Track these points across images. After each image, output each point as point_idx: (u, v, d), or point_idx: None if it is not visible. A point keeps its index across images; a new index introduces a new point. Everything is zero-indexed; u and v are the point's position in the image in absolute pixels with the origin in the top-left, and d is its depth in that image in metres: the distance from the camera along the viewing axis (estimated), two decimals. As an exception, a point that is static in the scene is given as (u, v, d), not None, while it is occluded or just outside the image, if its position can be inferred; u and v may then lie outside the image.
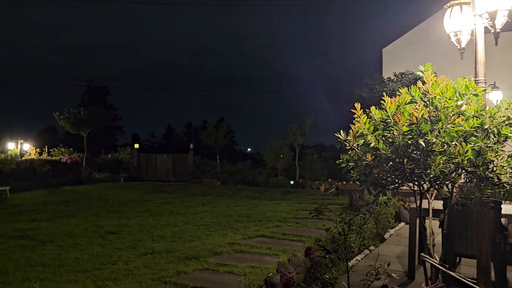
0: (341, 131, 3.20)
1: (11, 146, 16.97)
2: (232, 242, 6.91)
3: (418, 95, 3.11)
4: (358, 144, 3.20)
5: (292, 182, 16.69)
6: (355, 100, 11.51)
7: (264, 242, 7.04)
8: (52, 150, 19.03)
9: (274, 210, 10.34)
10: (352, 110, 3.10)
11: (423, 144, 2.83)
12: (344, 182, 14.97)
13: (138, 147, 20.16)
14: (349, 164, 3.30)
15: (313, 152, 18.63)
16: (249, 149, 59.91)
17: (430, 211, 3.56)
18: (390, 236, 7.23)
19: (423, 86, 3.07)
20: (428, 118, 2.98)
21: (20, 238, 7.06)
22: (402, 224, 8.16)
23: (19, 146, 17.82)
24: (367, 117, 3.17)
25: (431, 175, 2.88)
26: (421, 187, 3.25)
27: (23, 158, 16.28)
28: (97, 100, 50.06)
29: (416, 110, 2.87)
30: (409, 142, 2.93)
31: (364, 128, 3.10)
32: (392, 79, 11.25)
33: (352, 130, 3.17)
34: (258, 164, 19.15)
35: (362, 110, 3.12)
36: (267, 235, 7.55)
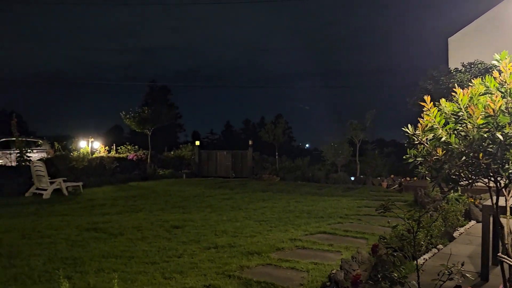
0: (409, 125, 3.07)
1: (83, 144, 18.07)
2: (293, 238, 6.91)
3: (494, 85, 2.92)
4: (427, 138, 3.07)
5: (352, 178, 16.37)
6: (419, 93, 11.04)
7: (326, 239, 6.98)
8: (119, 147, 20.02)
9: (335, 207, 10.20)
10: (421, 103, 2.97)
11: (500, 137, 2.65)
12: (408, 178, 14.44)
13: (199, 144, 20.69)
14: (417, 159, 3.16)
15: (374, 148, 18.15)
16: (307, 145, 59.52)
17: (508, 208, 3.34)
18: (459, 234, 6.88)
19: (500, 76, 2.88)
20: (505, 110, 2.79)
21: (93, 230, 7.49)
22: (473, 222, 7.73)
23: (89, 144, 18.93)
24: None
25: (510, 170, 2.70)
26: (498, 183, 3.05)
27: (94, 155, 17.25)
28: (159, 100, 52.01)
29: (493, 102, 2.69)
30: (485, 135, 2.76)
31: (434, 122, 2.96)
32: (459, 69, 10.67)
33: (421, 124, 3.03)
34: (317, 160, 18.97)
35: (432, 103, 2.98)
36: (328, 232, 7.47)
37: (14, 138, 14.88)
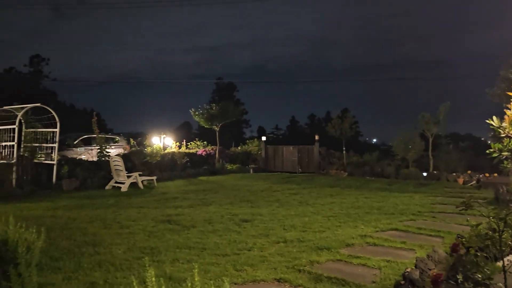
0: (494, 117, 2.88)
1: (155, 140, 18.95)
2: (363, 235, 6.77)
3: None
4: (515, 131, 2.86)
5: (425, 174, 15.65)
6: (500, 83, 10.26)
7: (398, 236, 6.76)
8: (189, 143, 20.75)
9: (407, 203, 9.83)
10: (509, 93, 2.77)
11: None
12: (487, 174, 13.54)
13: (265, 139, 20.87)
14: (503, 153, 2.96)
15: (448, 142, 17.21)
16: (374, 140, 57.82)
17: None
18: (549, 235, 6.34)
19: None
20: None
21: (167, 222, 7.85)
22: None
23: (162, 140, 19.81)
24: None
25: None
26: None
27: (166, 151, 18.04)
28: (226, 96, 53.12)
29: None
30: None
31: (522, 113, 2.75)
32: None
33: (508, 116, 2.83)
34: (386, 155, 18.38)
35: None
36: (400, 229, 7.23)
37: (95, 135, 15.97)
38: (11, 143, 13.12)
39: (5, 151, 13.18)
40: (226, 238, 6.63)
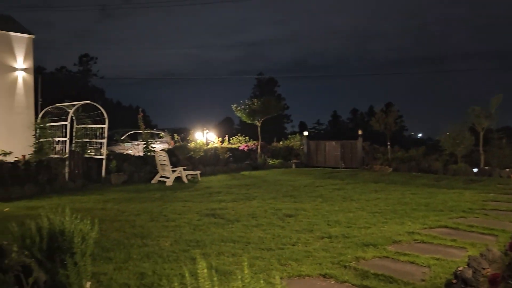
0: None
1: (198, 135, 19.28)
2: (411, 231, 6.58)
3: None
4: None
5: (475, 170, 14.98)
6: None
7: (448, 234, 6.52)
8: (231, 138, 20.94)
9: (457, 200, 9.46)
10: None
11: None
12: (544, 170, 12.79)
13: (307, 134, 20.72)
14: None
15: (501, 136, 16.37)
16: (419, 134, 56.05)
17: None
18: None
19: None
20: None
21: (212, 216, 7.97)
22: None
23: (204, 135, 20.12)
24: None
25: None
26: None
27: (209, 146, 18.31)
28: (267, 92, 53.14)
29: None
30: None
31: None
32: None
33: None
34: (432, 150, 17.75)
35: None
36: (450, 226, 6.96)
37: (141, 131, 16.45)
38: (64, 139, 13.75)
39: (58, 146, 13.84)
40: (270, 233, 6.64)
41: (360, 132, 18.97)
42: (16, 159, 12.00)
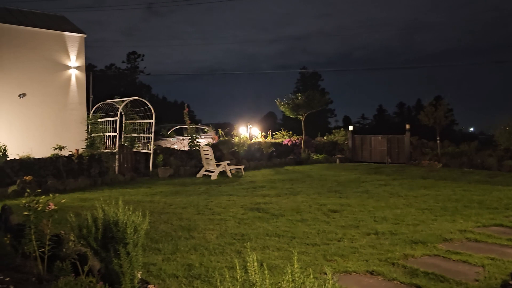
0: None
1: (243, 130, 19.43)
2: (463, 229, 6.33)
3: None
4: None
5: (533, 166, 14.17)
6: None
7: (503, 232, 6.21)
8: (274, 133, 20.95)
9: (513, 197, 8.99)
10: None
11: None
12: None
13: (352, 129, 20.38)
14: None
15: (562, 130, 15.38)
16: (471, 129, 53.63)
17: None
18: None
19: None
20: None
21: (256, 210, 8.02)
22: None
23: (248, 130, 20.25)
24: None
25: None
26: None
27: (252, 141, 18.41)
28: (310, 86, 52.63)
29: None
30: None
31: None
32: None
33: None
34: (485, 145, 16.96)
35: None
36: (506, 225, 6.63)
37: (186, 126, 16.79)
38: (114, 134, 14.28)
39: (108, 141, 14.40)
40: (315, 228, 6.60)
41: (407, 126, 18.42)
42: (70, 153, 12.60)
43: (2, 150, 10.46)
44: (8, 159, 10.97)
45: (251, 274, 2.13)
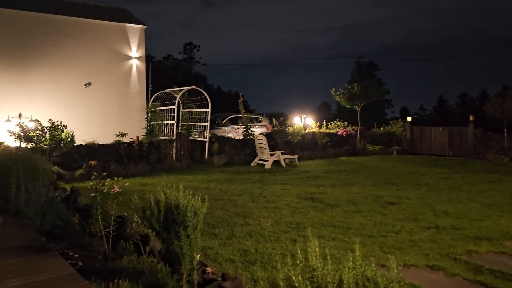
0: None
1: (297, 120, 19.31)
2: (533, 227, 5.94)
3: None
4: None
5: None
6: None
7: None
8: (329, 123, 20.65)
9: None
10: None
11: None
12: None
13: (410, 120, 19.64)
14: None
15: None
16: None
17: None
18: None
19: None
20: None
21: (311, 200, 7.97)
22: None
23: (302, 120, 20.10)
24: None
25: None
26: None
27: (306, 131, 18.26)
28: (366, 76, 51.25)
29: None
30: None
31: None
32: None
33: None
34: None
35: None
36: None
37: (241, 115, 16.95)
38: (171, 122, 14.72)
39: (166, 129, 14.86)
40: (371, 219, 6.46)
41: (471, 118, 17.46)
42: (131, 140, 13.15)
43: (70, 136, 11.10)
44: (75, 144, 11.63)
45: (311, 259, 2.12)
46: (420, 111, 62.45)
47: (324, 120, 20.72)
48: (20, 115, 12.43)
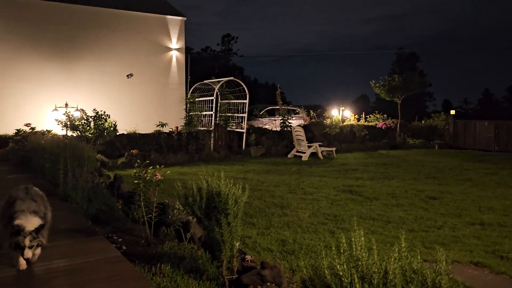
0: None
1: (335, 112, 19.08)
2: None
3: None
4: None
5: None
6: None
7: None
8: (368, 116, 20.27)
9: None
10: None
11: None
12: None
13: (454, 113, 18.98)
14: None
15: None
16: None
17: None
18: None
19: None
20: None
21: (349, 192, 7.88)
22: None
23: (340, 112, 19.83)
24: None
25: None
26: None
27: (344, 123, 18.01)
28: (407, 68, 49.82)
29: None
30: None
31: None
32: None
33: None
34: None
35: None
36: None
37: (278, 107, 16.92)
38: (209, 113, 14.90)
39: (205, 119, 15.06)
40: (411, 214, 6.32)
41: (520, 111, 16.65)
42: (170, 130, 13.43)
43: (112, 125, 11.46)
44: (117, 134, 12.00)
45: (356, 249, 2.10)
46: (464, 104, 60.24)
47: (363, 113, 20.35)
48: (66, 105, 12.95)
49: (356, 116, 19.49)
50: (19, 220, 3.01)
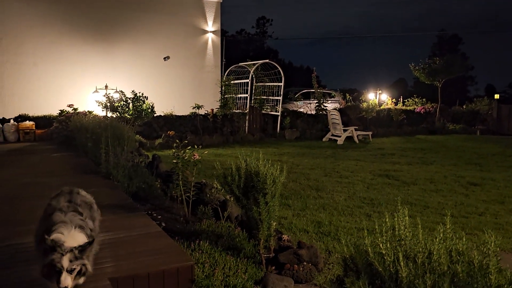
0: None
1: (371, 96, 18.70)
2: None
3: None
4: None
5: None
6: None
7: None
8: (406, 100, 19.75)
9: None
10: None
11: None
12: None
13: (498, 98, 18.21)
14: None
15: None
16: None
17: None
18: None
19: None
20: None
21: (385, 177, 7.76)
22: None
23: (377, 96, 19.42)
24: None
25: None
26: None
27: (381, 107, 17.63)
28: (448, 50, 47.96)
29: None
30: None
31: None
32: None
33: None
34: None
35: None
36: None
37: (313, 90, 16.74)
38: (244, 95, 14.92)
39: (240, 102, 15.11)
40: (451, 199, 6.17)
41: None
42: (205, 112, 13.57)
43: (150, 107, 11.69)
44: (155, 115, 12.24)
45: (399, 229, 2.08)
46: (508, 89, 57.47)
47: (401, 97, 19.85)
48: (106, 87, 13.29)
49: (393, 100, 19.04)
50: (57, 234, 2.27)
